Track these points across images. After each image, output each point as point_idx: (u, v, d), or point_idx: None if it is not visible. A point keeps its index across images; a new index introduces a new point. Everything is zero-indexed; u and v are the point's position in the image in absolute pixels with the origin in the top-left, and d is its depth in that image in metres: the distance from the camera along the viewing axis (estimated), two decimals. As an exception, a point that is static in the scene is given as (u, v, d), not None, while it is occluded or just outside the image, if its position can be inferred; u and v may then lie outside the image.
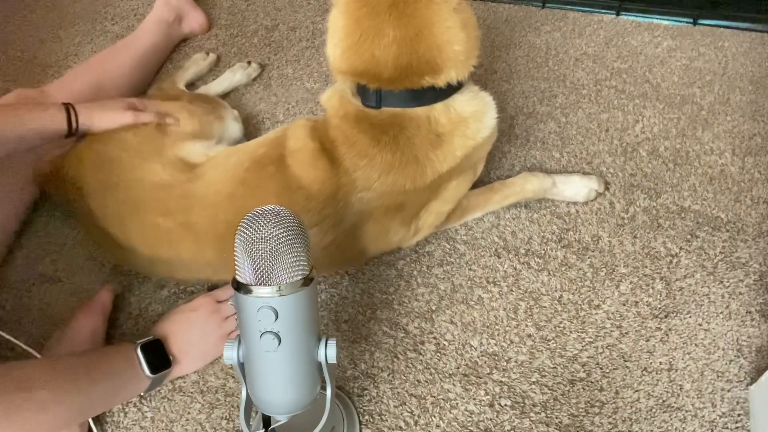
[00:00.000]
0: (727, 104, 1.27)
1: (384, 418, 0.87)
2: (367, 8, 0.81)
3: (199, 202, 0.91)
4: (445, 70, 0.84)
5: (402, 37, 0.81)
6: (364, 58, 0.83)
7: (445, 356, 0.93)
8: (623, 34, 1.44)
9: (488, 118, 0.93)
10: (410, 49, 0.82)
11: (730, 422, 0.86)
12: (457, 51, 0.84)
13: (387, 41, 0.81)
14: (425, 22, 0.81)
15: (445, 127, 0.88)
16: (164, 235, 0.92)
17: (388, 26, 0.81)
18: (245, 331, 0.65)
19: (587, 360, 0.93)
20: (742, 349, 0.92)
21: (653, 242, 1.05)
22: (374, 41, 0.82)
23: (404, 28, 0.81)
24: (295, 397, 0.68)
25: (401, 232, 0.98)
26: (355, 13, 0.82)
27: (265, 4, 1.58)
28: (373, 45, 0.82)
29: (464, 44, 0.84)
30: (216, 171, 0.95)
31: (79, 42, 1.50)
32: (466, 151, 0.91)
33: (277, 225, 0.61)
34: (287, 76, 1.39)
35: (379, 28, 0.81)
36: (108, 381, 0.80)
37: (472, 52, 0.87)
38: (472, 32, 0.86)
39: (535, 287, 1.01)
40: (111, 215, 0.95)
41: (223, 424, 0.88)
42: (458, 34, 0.83)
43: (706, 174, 1.15)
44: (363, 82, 0.86)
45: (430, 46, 0.82)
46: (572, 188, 1.10)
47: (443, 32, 0.82)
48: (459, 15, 0.83)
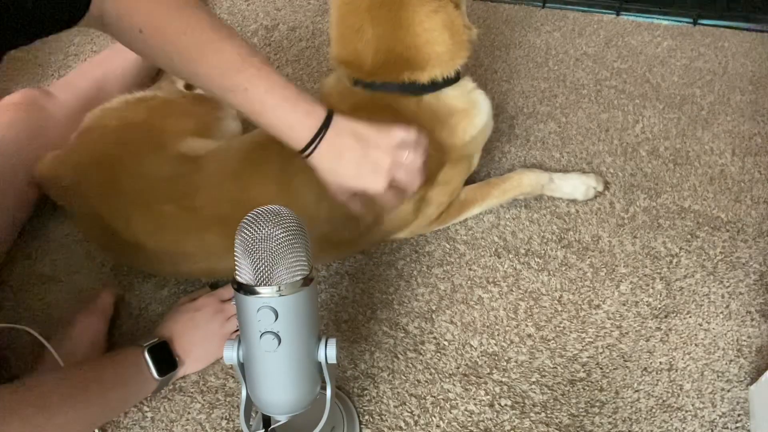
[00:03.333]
0: (727, 104, 1.27)
1: (384, 418, 0.87)
2: (350, 6, 0.86)
3: (204, 185, 0.92)
4: (427, 69, 0.88)
5: (379, 36, 0.86)
6: (349, 50, 0.89)
7: (445, 356, 0.93)
8: (623, 34, 1.44)
9: (477, 118, 0.96)
10: (387, 47, 0.86)
11: (730, 422, 0.86)
12: (439, 51, 0.87)
13: (366, 38, 0.86)
14: (400, 23, 0.85)
15: (435, 115, 0.92)
16: (169, 221, 0.92)
17: (367, 24, 0.86)
18: (245, 331, 0.65)
19: (587, 360, 0.93)
20: (742, 349, 0.92)
21: (653, 242, 1.05)
22: (356, 36, 0.87)
23: (380, 28, 0.85)
24: (295, 397, 0.68)
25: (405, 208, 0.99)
26: (342, 8, 0.88)
27: (265, 4, 1.58)
28: (355, 40, 0.87)
29: (447, 45, 0.88)
30: (219, 154, 0.96)
31: (79, 42, 1.50)
32: (452, 144, 0.94)
33: (277, 225, 0.61)
34: (287, 76, 1.38)
35: (358, 25, 0.86)
36: (119, 389, 0.80)
37: (457, 53, 0.90)
38: (457, 33, 0.88)
39: (535, 287, 1.01)
40: (114, 210, 0.95)
41: (223, 424, 0.88)
42: (440, 35, 0.86)
43: (706, 174, 1.15)
44: (347, 71, 0.91)
45: (408, 46, 0.86)
46: (570, 184, 1.10)
47: (421, 33, 0.86)
48: (439, 16, 0.86)
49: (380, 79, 0.89)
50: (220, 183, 0.92)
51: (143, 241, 0.94)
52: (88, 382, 0.76)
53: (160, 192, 0.93)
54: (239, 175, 0.92)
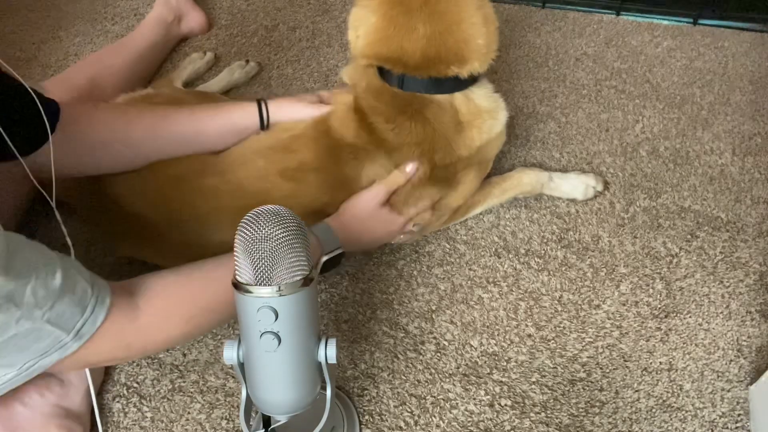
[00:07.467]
0: (727, 104, 1.27)
1: (384, 418, 0.87)
2: (401, 7, 0.87)
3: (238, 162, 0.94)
4: (469, 62, 0.90)
5: (432, 32, 0.87)
6: (392, 48, 0.89)
7: (445, 356, 0.93)
8: (623, 34, 1.44)
9: (501, 115, 0.99)
10: (439, 42, 0.88)
11: (730, 422, 0.86)
12: (480, 44, 0.90)
13: (417, 36, 0.88)
14: (454, 18, 0.88)
15: (464, 116, 0.94)
16: (211, 192, 0.92)
17: (419, 23, 0.87)
18: (245, 331, 0.65)
19: (587, 360, 0.93)
20: (742, 349, 0.92)
21: (653, 242, 1.05)
22: (405, 35, 0.88)
23: (435, 24, 0.87)
24: (295, 397, 0.68)
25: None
26: (388, 12, 0.88)
27: (265, 4, 1.58)
28: (403, 39, 0.88)
29: (486, 38, 0.91)
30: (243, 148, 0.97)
31: (79, 42, 1.50)
32: (481, 143, 0.96)
33: (277, 225, 0.61)
34: (287, 76, 1.39)
35: (411, 24, 0.87)
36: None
37: (492, 45, 0.92)
38: (492, 26, 0.92)
39: (535, 287, 1.01)
40: (148, 195, 0.94)
41: (223, 424, 0.88)
42: (481, 28, 0.90)
43: (706, 174, 1.15)
44: (387, 67, 0.91)
45: (458, 39, 0.89)
46: (569, 183, 1.11)
47: (469, 27, 0.89)
48: (482, 11, 0.90)
49: (425, 74, 0.90)
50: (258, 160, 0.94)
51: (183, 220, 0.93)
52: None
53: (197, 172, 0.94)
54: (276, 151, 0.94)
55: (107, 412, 0.89)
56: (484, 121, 0.96)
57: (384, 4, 0.88)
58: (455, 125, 0.94)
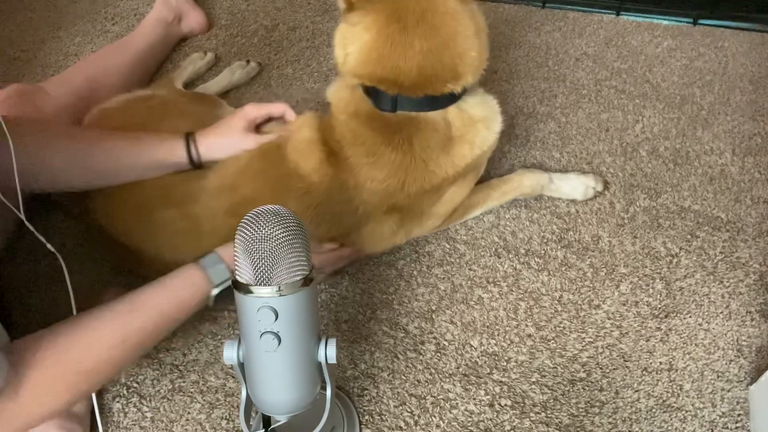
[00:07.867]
0: (727, 104, 1.27)
1: (384, 418, 0.87)
2: (398, 24, 0.84)
3: (203, 193, 0.92)
4: (464, 76, 0.88)
5: (429, 48, 0.84)
6: (388, 68, 0.86)
7: (445, 356, 0.93)
8: (623, 34, 1.44)
9: (496, 124, 0.96)
10: (436, 58, 0.85)
11: (730, 422, 0.86)
12: (473, 57, 0.88)
13: (413, 52, 0.84)
14: (450, 31, 0.85)
15: (458, 130, 0.91)
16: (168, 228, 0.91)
17: (416, 39, 0.84)
18: (245, 331, 0.65)
19: (587, 360, 0.93)
20: (742, 349, 0.92)
21: (653, 242, 1.05)
22: (401, 53, 0.85)
23: (431, 39, 0.84)
24: (295, 397, 0.68)
25: (400, 233, 0.98)
26: (383, 30, 0.85)
27: (265, 4, 1.58)
28: (399, 57, 0.85)
29: (478, 49, 0.88)
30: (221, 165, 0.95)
31: (79, 42, 1.50)
32: (471, 160, 0.93)
33: (277, 225, 0.61)
34: (287, 76, 1.39)
35: (407, 41, 0.84)
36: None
37: (483, 56, 0.90)
38: (483, 35, 0.90)
39: (535, 287, 1.01)
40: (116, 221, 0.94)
41: (223, 424, 0.88)
42: (474, 40, 0.87)
43: (706, 174, 1.15)
44: (381, 88, 0.87)
45: (453, 55, 0.86)
46: (569, 184, 1.10)
47: (464, 41, 0.86)
48: (473, 21, 0.87)
49: (421, 92, 0.87)
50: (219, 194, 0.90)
51: (144, 248, 0.93)
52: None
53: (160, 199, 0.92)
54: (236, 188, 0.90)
55: (107, 412, 0.89)
56: (477, 132, 0.93)
57: (378, 21, 0.85)
58: (443, 145, 0.90)
